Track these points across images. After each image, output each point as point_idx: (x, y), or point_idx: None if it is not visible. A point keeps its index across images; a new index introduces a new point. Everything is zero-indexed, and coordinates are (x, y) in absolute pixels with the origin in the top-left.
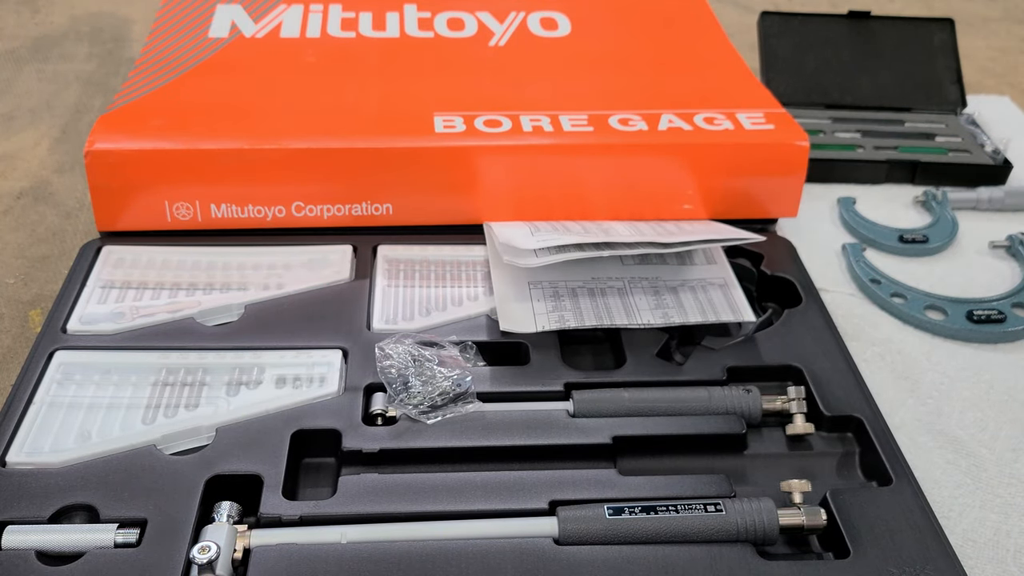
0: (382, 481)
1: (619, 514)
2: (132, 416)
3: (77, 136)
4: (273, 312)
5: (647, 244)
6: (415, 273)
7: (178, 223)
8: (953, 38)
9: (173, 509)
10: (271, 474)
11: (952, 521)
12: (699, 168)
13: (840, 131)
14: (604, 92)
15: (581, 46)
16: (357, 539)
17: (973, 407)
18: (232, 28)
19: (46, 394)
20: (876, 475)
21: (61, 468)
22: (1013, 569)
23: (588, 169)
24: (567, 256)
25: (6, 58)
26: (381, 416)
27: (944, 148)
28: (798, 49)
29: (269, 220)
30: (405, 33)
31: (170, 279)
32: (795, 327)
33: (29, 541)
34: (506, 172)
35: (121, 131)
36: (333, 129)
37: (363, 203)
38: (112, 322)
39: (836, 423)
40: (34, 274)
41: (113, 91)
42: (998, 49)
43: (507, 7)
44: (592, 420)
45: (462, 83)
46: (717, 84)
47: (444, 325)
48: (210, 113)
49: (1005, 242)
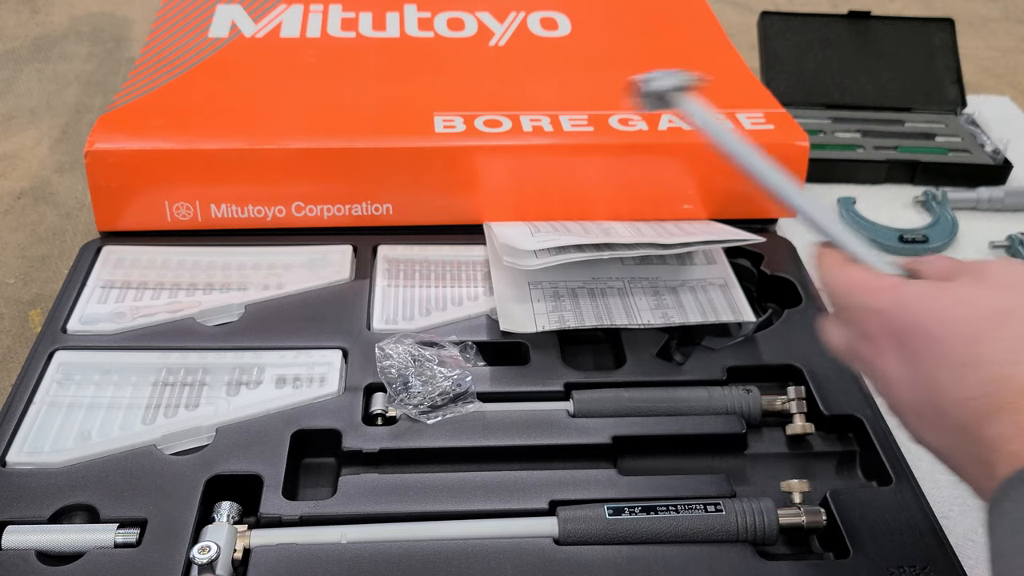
0: (382, 481)
1: (619, 514)
2: (132, 416)
3: (77, 136)
4: (273, 312)
5: (647, 245)
6: (415, 273)
7: (178, 223)
8: (953, 38)
9: (173, 509)
10: (271, 474)
11: (952, 521)
12: (699, 168)
13: (840, 131)
14: (604, 92)
15: (581, 46)
16: (357, 539)
17: None
18: (232, 28)
19: (46, 394)
20: (876, 475)
21: (61, 468)
22: None
23: (588, 169)
24: (567, 258)
25: (6, 58)
26: (381, 416)
27: (944, 148)
28: (798, 49)
29: (269, 220)
30: (405, 33)
31: (170, 279)
32: (795, 327)
33: (29, 541)
34: (506, 172)
35: (121, 131)
36: (333, 129)
37: (363, 203)
38: (112, 322)
39: (836, 423)
40: (34, 274)
41: (113, 91)
42: (998, 49)
43: (507, 7)
44: (592, 420)
45: (462, 83)
46: (717, 84)
47: (444, 325)
48: (210, 113)
49: (1005, 242)
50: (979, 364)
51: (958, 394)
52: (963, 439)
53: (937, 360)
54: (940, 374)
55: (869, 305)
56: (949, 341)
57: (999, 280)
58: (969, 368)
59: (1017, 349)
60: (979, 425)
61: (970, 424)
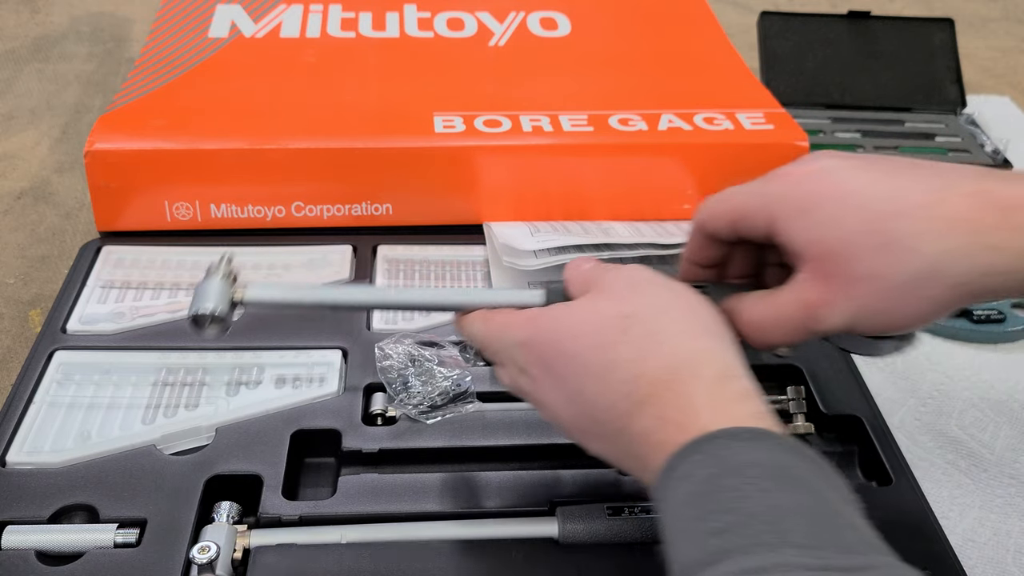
0: (382, 481)
1: (619, 514)
2: (132, 416)
3: (77, 136)
4: (273, 312)
5: (647, 245)
6: (415, 273)
7: (178, 223)
8: (953, 38)
9: (173, 509)
10: (271, 474)
11: (952, 521)
12: (699, 168)
13: (840, 131)
14: (604, 92)
15: (581, 46)
16: (357, 539)
17: (973, 407)
18: (232, 28)
19: (46, 394)
20: (876, 475)
21: (61, 468)
22: (1013, 569)
23: (588, 169)
24: (567, 258)
25: (6, 58)
26: (381, 416)
27: (944, 148)
28: (798, 49)
29: (269, 220)
30: (405, 33)
31: (170, 279)
32: None
33: (29, 541)
34: (506, 172)
35: (121, 131)
36: (333, 129)
37: (363, 203)
38: (112, 322)
39: (836, 423)
40: (34, 274)
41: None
42: (998, 49)
43: (507, 7)
44: None
45: (462, 83)
46: (717, 84)
47: (444, 325)
48: (210, 113)
49: None
50: (614, 368)
51: (605, 400)
52: (620, 441)
53: (579, 374)
54: (586, 386)
55: (515, 341)
56: (584, 354)
57: (622, 287)
58: (607, 374)
59: (643, 346)
60: (628, 424)
61: (621, 425)
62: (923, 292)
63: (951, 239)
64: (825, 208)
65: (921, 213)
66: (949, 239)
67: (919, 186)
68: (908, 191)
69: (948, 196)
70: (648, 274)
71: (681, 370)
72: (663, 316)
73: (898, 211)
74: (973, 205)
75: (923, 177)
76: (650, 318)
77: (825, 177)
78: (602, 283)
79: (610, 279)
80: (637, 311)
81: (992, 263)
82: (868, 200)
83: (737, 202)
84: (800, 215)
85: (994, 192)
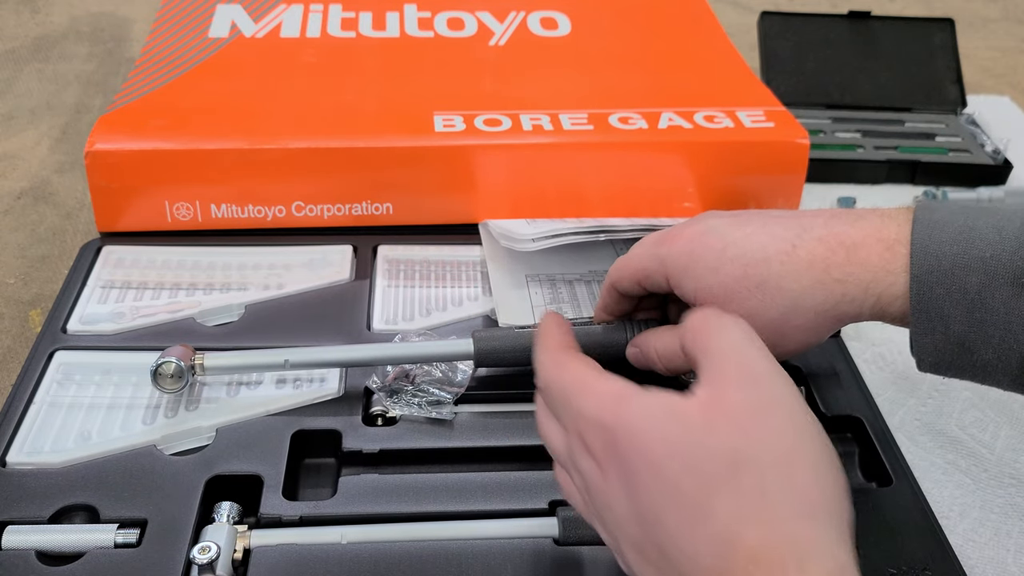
0: (382, 481)
1: None
2: (132, 416)
3: (77, 136)
4: (273, 312)
5: (643, 229)
6: (415, 273)
7: (178, 223)
8: (953, 38)
9: (173, 509)
10: (271, 474)
11: (952, 521)
12: (699, 166)
13: (840, 131)
14: (604, 91)
15: (581, 45)
16: (357, 539)
17: (973, 407)
18: (232, 28)
19: (46, 394)
20: (876, 475)
21: (61, 468)
22: (1013, 569)
23: (588, 167)
24: (563, 240)
25: (6, 58)
26: (381, 416)
27: (944, 148)
28: (798, 49)
29: (269, 220)
30: (405, 33)
31: (170, 279)
32: None
33: (29, 541)
34: (506, 171)
35: (121, 131)
36: (333, 129)
37: (363, 203)
38: (112, 322)
39: (836, 423)
40: (34, 274)
41: (113, 91)
42: (998, 49)
43: (507, 7)
44: None
45: (462, 82)
46: (717, 82)
47: (444, 325)
48: (210, 113)
49: None
50: (710, 516)
51: (687, 547)
52: None
53: (665, 501)
54: (668, 517)
55: (587, 413)
56: (679, 483)
57: (739, 410)
58: (700, 518)
59: (751, 507)
60: None
61: None
62: (793, 322)
63: (807, 277)
64: (707, 260)
65: (784, 258)
66: (805, 277)
67: (782, 234)
68: (773, 239)
69: (804, 241)
70: (767, 366)
71: (787, 560)
72: (783, 472)
73: (766, 257)
74: (823, 247)
75: (786, 226)
76: (767, 469)
77: (709, 234)
78: (711, 365)
79: (732, 394)
80: (755, 455)
81: (844, 292)
82: (743, 251)
83: (641, 265)
84: (688, 269)
85: (841, 234)
